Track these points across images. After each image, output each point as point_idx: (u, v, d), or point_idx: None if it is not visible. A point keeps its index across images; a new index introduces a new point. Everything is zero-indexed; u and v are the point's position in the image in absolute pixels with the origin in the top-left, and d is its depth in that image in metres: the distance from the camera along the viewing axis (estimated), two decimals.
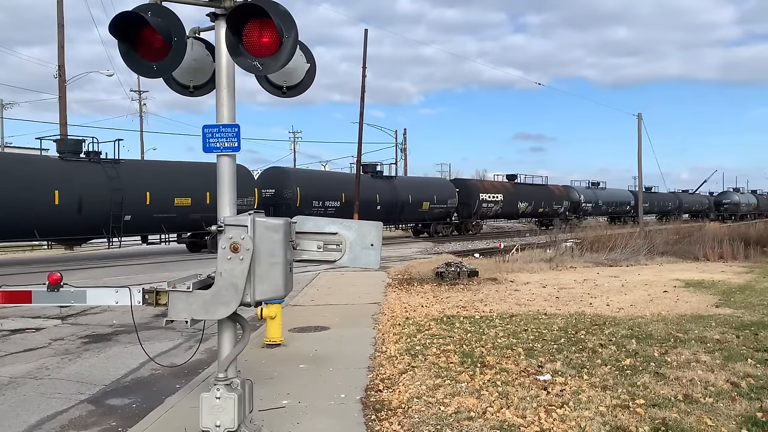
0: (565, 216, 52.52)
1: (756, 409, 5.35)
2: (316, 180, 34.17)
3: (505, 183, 50.23)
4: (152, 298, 4.23)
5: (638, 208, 42.90)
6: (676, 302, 11.57)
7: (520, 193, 49.18)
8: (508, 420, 5.12)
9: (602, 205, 60.80)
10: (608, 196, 63.11)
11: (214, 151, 4.30)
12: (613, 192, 65.89)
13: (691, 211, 78.95)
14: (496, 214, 47.13)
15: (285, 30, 4.02)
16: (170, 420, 5.40)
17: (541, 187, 53.89)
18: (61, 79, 30.29)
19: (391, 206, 36.38)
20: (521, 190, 49.99)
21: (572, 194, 56.50)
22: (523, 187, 50.98)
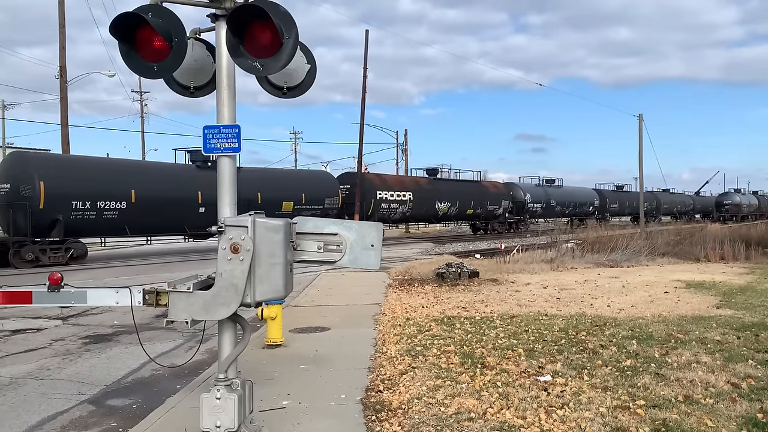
0: (505, 218, 47.05)
1: (756, 410, 5.35)
2: (77, 169, 23.45)
3: (418, 179, 42.29)
4: (153, 298, 4.23)
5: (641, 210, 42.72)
6: (676, 303, 11.56)
7: (440, 191, 40.93)
8: (509, 421, 5.12)
9: (556, 205, 53.74)
10: (564, 195, 55.75)
11: (214, 151, 4.30)
12: (571, 191, 58.55)
13: (672, 213, 74.00)
14: (403, 216, 39.33)
15: (285, 31, 4.03)
16: (171, 420, 5.40)
17: (469, 184, 45.54)
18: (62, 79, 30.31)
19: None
20: (441, 187, 41.54)
21: (516, 193, 49.09)
22: (444, 184, 42.36)
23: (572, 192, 58.42)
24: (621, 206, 64.63)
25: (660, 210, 70.68)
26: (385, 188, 37.22)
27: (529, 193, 50.63)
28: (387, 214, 37.51)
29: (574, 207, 57.07)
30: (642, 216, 41.76)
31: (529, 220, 51.47)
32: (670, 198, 75.61)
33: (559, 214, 55.68)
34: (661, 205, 71.09)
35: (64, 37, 30.01)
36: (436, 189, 40.97)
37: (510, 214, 47.98)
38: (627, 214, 66.61)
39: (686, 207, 77.45)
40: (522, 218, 49.54)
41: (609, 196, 63.30)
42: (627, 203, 65.65)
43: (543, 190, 53.59)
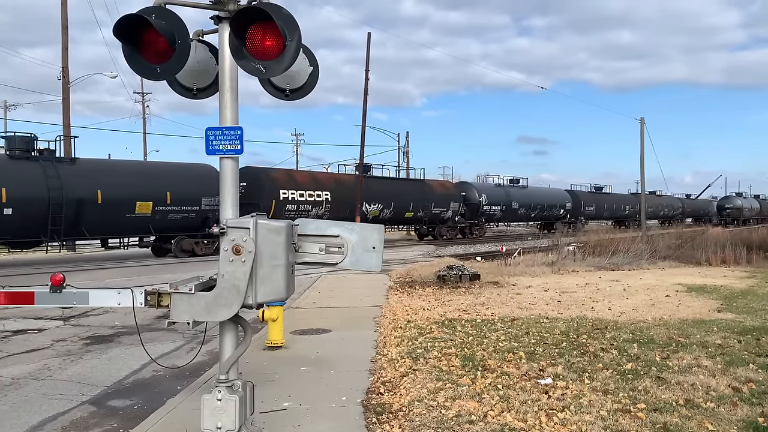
0: (455, 223, 42.24)
1: (757, 414, 5.34)
2: None
3: (341, 176, 36.82)
4: (154, 299, 4.23)
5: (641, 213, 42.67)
6: (677, 307, 11.55)
7: (369, 191, 34.15)
8: (509, 424, 5.12)
9: (519, 208, 48.05)
10: (530, 196, 50.01)
11: (216, 153, 4.31)
12: (538, 192, 53.11)
13: (658, 216, 68.67)
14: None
15: (288, 33, 4.04)
16: (171, 421, 5.40)
17: (407, 182, 40.70)
18: (64, 80, 30.38)
19: (51, 209, 20.84)
20: (371, 185, 34.90)
21: (470, 193, 43.57)
22: (375, 183, 36.03)
23: (539, 193, 52.84)
24: (599, 209, 59.24)
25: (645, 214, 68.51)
26: (291, 186, 31.01)
27: (485, 194, 44.68)
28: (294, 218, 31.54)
29: (542, 210, 51.33)
30: (643, 218, 41.67)
31: (486, 224, 46.37)
32: (656, 201, 69.75)
33: (523, 217, 50.70)
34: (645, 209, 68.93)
35: (66, 38, 30.10)
36: (365, 188, 33.28)
37: (462, 217, 42.63)
38: (607, 217, 61.47)
39: (674, 210, 73.10)
40: (476, 222, 44.06)
41: (584, 197, 58.06)
42: (606, 206, 60.68)
43: (503, 190, 47.52)
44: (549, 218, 52.84)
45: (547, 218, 53.02)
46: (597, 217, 60.21)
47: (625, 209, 63.40)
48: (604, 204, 60.95)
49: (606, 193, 63.79)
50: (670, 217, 71.28)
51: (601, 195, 62.69)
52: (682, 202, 77.34)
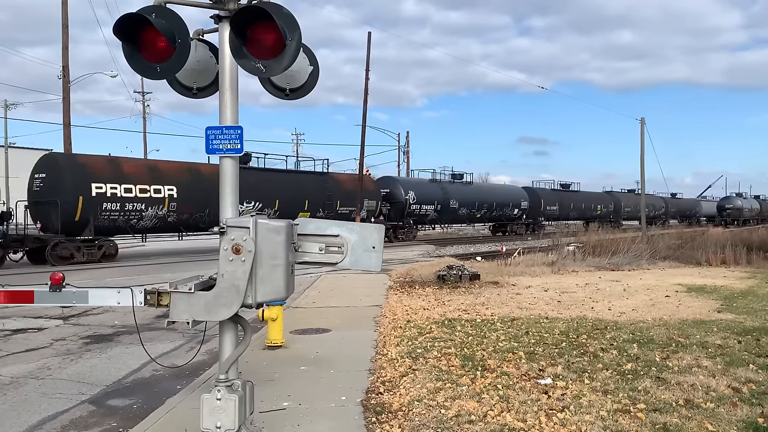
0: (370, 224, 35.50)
1: (757, 414, 5.34)
2: None
3: (196, 166, 27.26)
4: (154, 299, 4.23)
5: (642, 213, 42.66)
6: (677, 307, 11.55)
7: (247, 183, 25.95)
8: (509, 424, 5.11)
9: (459, 207, 41.71)
10: (475, 194, 43.57)
11: (216, 152, 4.31)
12: (487, 189, 47.39)
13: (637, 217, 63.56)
14: (159, 223, 25.21)
15: (288, 32, 4.03)
16: (171, 421, 5.40)
17: (300, 176, 32.43)
18: (65, 79, 30.37)
19: None
20: (248, 178, 26.53)
21: (394, 190, 37.70)
22: (252, 175, 27.81)
23: (487, 190, 46.86)
24: (563, 209, 52.93)
25: (620, 213, 60.13)
26: (113, 178, 23.38)
27: (413, 191, 38.45)
28: (120, 222, 23.56)
29: (490, 209, 44.80)
30: (643, 218, 41.67)
31: (417, 226, 40.14)
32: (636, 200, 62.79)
33: (466, 218, 43.89)
34: (622, 208, 61.08)
35: (67, 37, 30.07)
36: (242, 180, 23.42)
37: (385, 218, 36.64)
38: (574, 218, 55.14)
39: (657, 210, 67.12)
40: (402, 224, 37.93)
41: (545, 195, 51.79)
42: (573, 205, 54.37)
43: (439, 187, 41.08)
44: (500, 219, 46.90)
45: (498, 219, 46.93)
46: (562, 217, 54.03)
47: (597, 209, 57.43)
48: (570, 203, 54.23)
49: (573, 191, 56.76)
50: (652, 217, 64.76)
51: (566, 193, 55.64)
52: (666, 201, 71.40)
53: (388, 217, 37.26)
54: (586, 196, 58.51)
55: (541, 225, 50.32)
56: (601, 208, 58.49)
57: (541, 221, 51.01)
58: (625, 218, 61.29)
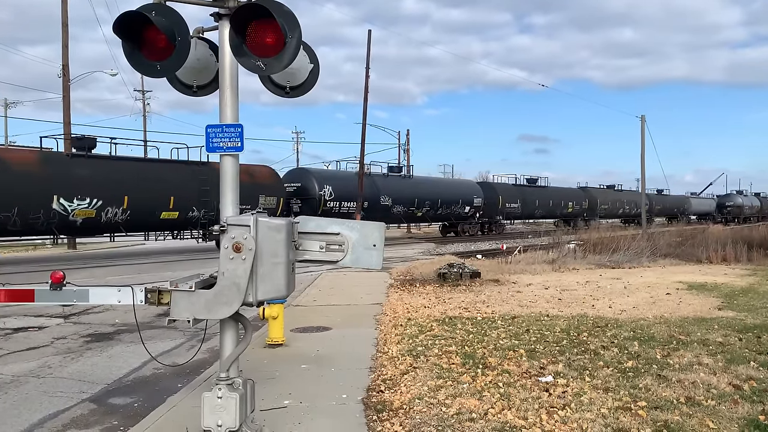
0: None
1: (758, 412, 5.34)
2: None
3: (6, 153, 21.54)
4: (155, 297, 4.23)
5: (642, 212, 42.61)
6: (678, 305, 11.54)
7: (80, 174, 21.96)
8: (510, 421, 5.11)
9: (393, 205, 36.13)
10: (414, 190, 37.84)
11: (217, 150, 4.31)
12: (430, 184, 41.09)
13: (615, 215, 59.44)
14: None
15: (289, 30, 4.03)
16: (172, 419, 5.40)
17: (165, 166, 25.46)
18: (65, 78, 30.34)
19: None
20: (82, 168, 22.23)
21: (307, 184, 32.19)
22: (89, 165, 22.57)
23: (431, 186, 40.55)
24: (527, 206, 47.24)
25: (596, 211, 54.89)
26: None
27: (329, 185, 32.71)
28: None
29: (434, 207, 39.07)
30: (644, 217, 41.65)
31: None
32: (614, 196, 60.01)
33: (403, 217, 38.15)
34: (598, 205, 56.03)
35: (67, 36, 30.05)
36: (61, 173, 21.42)
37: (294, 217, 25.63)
38: (540, 216, 50.90)
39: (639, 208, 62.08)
40: None
41: (505, 192, 46.07)
42: (539, 202, 48.53)
43: (369, 182, 34.75)
44: (448, 218, 41.86)
45: (446, 218, 41.91)
46: (525, 215, 49.36)
47: (568, 206, 52.42)
48: (536, 200, 48.25)
49: (540, 187, 50.89)
50: (633, 215, 60.44)
51: (531, 189, 49.53)
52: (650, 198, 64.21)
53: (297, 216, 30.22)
54: (556, 192, 52.49)
55: (500, 224, 45.47)
56: (573, 206, 52.99)
57: (500, 220, 45.68)
58: (602, 216, 55.75)
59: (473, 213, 42.36)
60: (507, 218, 47.43)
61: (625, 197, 62.51)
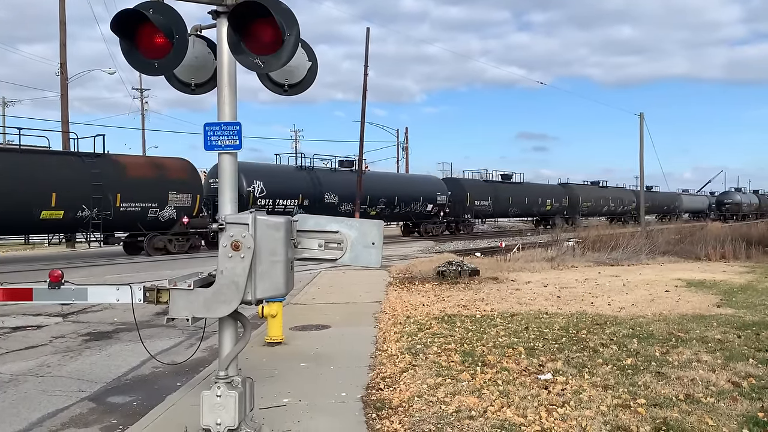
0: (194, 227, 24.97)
1: (757, 409, 5.34)
2: None
3: None
4: (153, 296, 4.23)
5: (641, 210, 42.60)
6: (677, 302, 11.55)
7: None
8: (509, 419, 5.11)
9: (340, 203, 32.59)
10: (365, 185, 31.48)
11: (215, 149, 4.30)
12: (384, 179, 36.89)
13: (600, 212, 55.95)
14: None
15: (287, 28, 4.02)
16: (171, 418, 5.40)
17: (43, 157, 21.65)
18: (62, 76, 30.30)
19: None
20: None
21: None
22: None
23: (388, 182, 36.74)
24: (499, 204, 43.90)
25: (577, 209, 51.57)
26: None
27: (261, 181, 28.37)
28: None
29: (390, 205, 34.89)
30: (643, 216, 41.68)
31: None
32: (599, 193, 56.17)
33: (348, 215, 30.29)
34: (580, 203, 52.51)
35: (64, 35, 29.99)
36: None
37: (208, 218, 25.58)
38: (516, 215, 47.63)
39: (625, 205, 59.81)
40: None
41: (474, 188, 42.74)
42: (513, 199, 45.14)
43: (308, 176, 31.15)
44: (409, 217, 38.25)
45: (406, 217, 38.30)
46: (498, 214, 46.08)
47: (547, 204, 49.11)
48: (509, 197, 45.13)
49: (515, 183, 47.72)
50: (620, 213, 58.38)
51: (504, 185, 46.15)
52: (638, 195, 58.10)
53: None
54: (532, 188, 49.12)
55: (468, 224, 42.14)
56: (551, 203, 49.32)
57: (468, 219, 42.22)
58: (584, 214, 52.74)
59: (437, 211, 38.85)
60: (477, 217, 43.88)
61: (611, 194, 59.27)
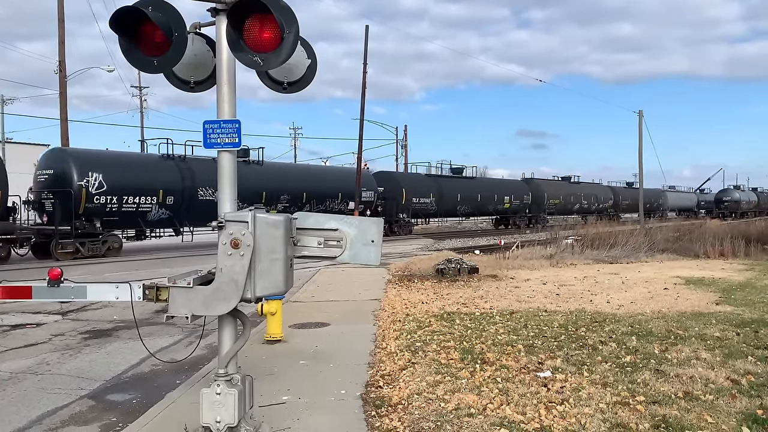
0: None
1: (756, 406, 5.35)
2: None
3: None
4: (153, 293, 4.23)
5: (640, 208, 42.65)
6: (676, 299, 11.56)
7: None
8: (508, 416, 5.12)
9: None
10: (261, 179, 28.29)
11: (214, 146, 4.29)
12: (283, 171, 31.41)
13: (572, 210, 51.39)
14: None
15: (286, 25, 4.01)
16: (170, 415, 5.40)
17: None
18: (61, 74, 30.22)
19: None
20: None
21: (66, 172, 22.20)
22: None
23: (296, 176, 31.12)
24: (444, 201, 39.23)
25: (542, 207, 47.25)
26: None
27: (100, 173, 23.19)
28: None
29: (297, 203, 29.77)
30: (642, 214, 41.70)
31: (106, 231, 23.58)
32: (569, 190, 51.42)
33: None
34: (546, 200, 47.97)
35: (63, 32, 29.91)
36: None
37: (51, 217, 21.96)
38: (465, 213, 42.72)
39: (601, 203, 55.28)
40: (74, 228, 21.89)
41: (411, 184, 38.06)
42: (460, 196, 40.22)
43: (173, 166, 25.78)
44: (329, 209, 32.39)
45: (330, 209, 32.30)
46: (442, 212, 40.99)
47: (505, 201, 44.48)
48: (458, 194, 40.71)
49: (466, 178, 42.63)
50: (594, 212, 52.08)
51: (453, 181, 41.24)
52: (616, 192, 58.98)
53: (51, 217, 22.08)
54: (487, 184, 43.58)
55: (405, 224, 37.86)
56: (511, 201, 44.52)
57: (402, 218, 37.61)
58: (551, 213, 48.74)
59: (363, 210, 32.53)
60: (416, 216, 39.48)
61: (584, 190, 54.47)
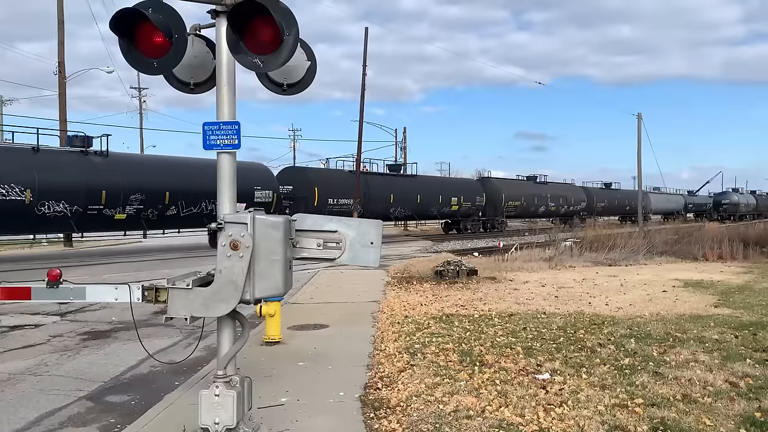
0: None
1: (754, 409, 5.36)
2: None
3: None
4: (152, 295, 4.22)
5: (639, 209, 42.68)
6: (674, 302, 11.57)
7: None
8: (507, 419, 5.12)
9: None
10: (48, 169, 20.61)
11: (214, 148, 4.29)
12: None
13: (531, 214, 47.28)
14: None
15: (286, 27, 4.02)
16: (169, 417, 5.40)
17: None
18: (61, 75, 30.22)
19: None
20: None
21: None
22: None
23: (152, 169, 25.08)
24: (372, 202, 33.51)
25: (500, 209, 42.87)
26: None
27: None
28: None
29: (157, 205, 24.49)
30: (640, 214, 41.72)
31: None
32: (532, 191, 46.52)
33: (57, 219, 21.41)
34: (504, 201, 42.88)
35: (62, 33, 29.92)
36: None
37: None
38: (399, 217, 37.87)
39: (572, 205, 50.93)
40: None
41: (325, 181, 32.84)
42: (394, 197, 35.42)
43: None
44: (201, 221, 25.98)
45: (196, 222, 26.74)
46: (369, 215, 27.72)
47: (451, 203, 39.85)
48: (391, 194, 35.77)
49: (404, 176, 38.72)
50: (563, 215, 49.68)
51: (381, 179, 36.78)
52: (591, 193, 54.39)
53: None
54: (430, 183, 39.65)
55: None
56: (460, 202, 39.75)
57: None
58: (511, 216, 45.28)
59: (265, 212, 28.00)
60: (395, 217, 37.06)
61: (551, 191, 49.65)
